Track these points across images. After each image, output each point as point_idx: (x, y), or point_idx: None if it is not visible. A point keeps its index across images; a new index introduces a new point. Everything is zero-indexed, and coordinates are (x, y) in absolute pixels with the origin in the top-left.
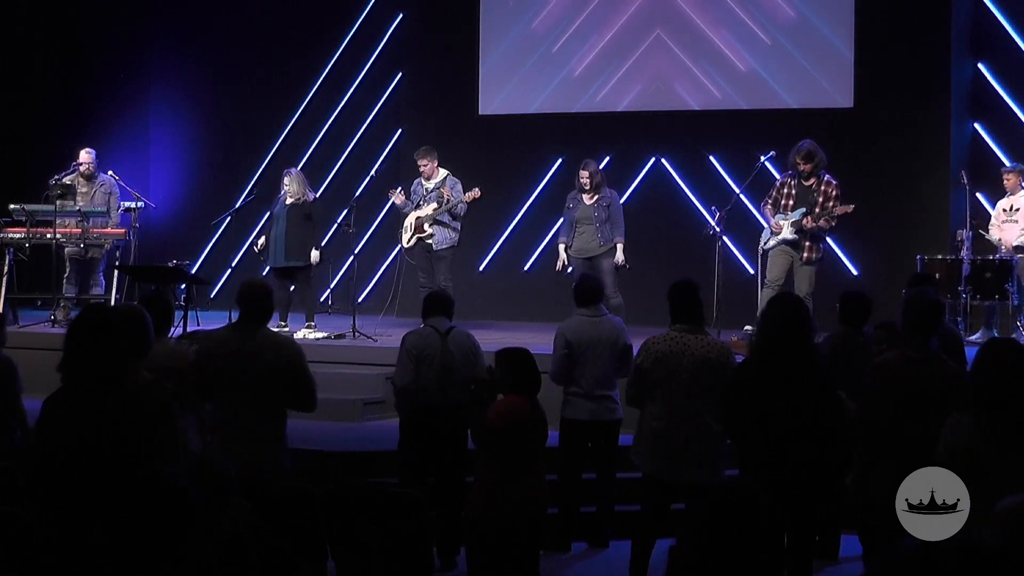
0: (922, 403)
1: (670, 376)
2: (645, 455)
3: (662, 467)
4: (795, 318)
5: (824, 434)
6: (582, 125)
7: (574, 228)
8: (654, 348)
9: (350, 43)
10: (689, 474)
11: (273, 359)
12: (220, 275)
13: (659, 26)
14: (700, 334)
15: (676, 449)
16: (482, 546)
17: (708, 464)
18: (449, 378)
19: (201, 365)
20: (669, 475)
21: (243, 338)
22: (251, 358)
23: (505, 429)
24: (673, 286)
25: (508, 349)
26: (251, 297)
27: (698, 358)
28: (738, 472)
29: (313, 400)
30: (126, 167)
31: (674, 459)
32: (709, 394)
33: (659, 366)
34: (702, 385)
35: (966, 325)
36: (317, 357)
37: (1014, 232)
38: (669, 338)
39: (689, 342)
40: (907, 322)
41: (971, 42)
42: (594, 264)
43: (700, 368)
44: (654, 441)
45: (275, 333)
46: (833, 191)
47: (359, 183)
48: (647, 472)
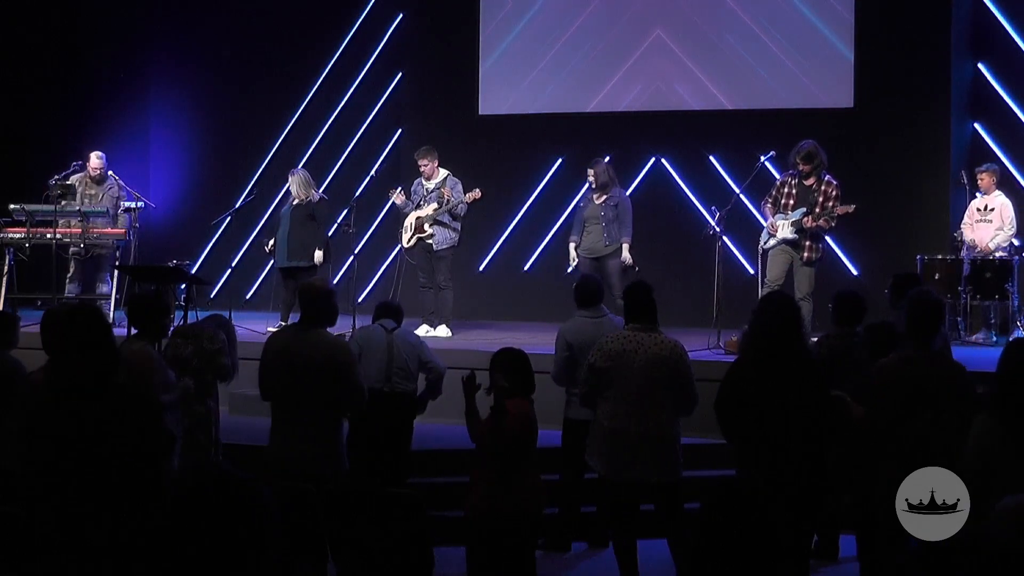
0: (924, 403)
1: (623, 374)
2: (599, 456)
3: (617, 467)
4: (785, 317)
5: (819, 433)
6: (582, 125)
7: (583, 227)
8: (607, 347)
9: (350, 43)
10: (644, 474)
11: (323, 360)
12: (220, 275)
13: (659, 26)
14: (654, 332)
15: (630, 449)
16: (481, 546)
17: (661, 463)
18: (392, 368)
19: (261, 365)
20: (623, 475)
21: (297, 339)
22: (303, 359)
23: (522, 435)
24: (627, 287)
25: (508, 351)
26: (306, 299)
27: (651, 356)
28: (734, 472)
29: (359, 402)
30: (126, 167)
31: (628, 459)
32: (663, 393)
33: (612, 363)
34: (655, 384)
35: (966, 325)
36: None
37: (988, 232)
38: (622, 336)
39: (642, 340)
40: (910, 322)
41: (971, 42)
42: (601, 264)
43: (653, 366)
44: (608, 441)
45: (328, 334)
46: (833, 191)
47: (359, 183)
48: (602, 473)
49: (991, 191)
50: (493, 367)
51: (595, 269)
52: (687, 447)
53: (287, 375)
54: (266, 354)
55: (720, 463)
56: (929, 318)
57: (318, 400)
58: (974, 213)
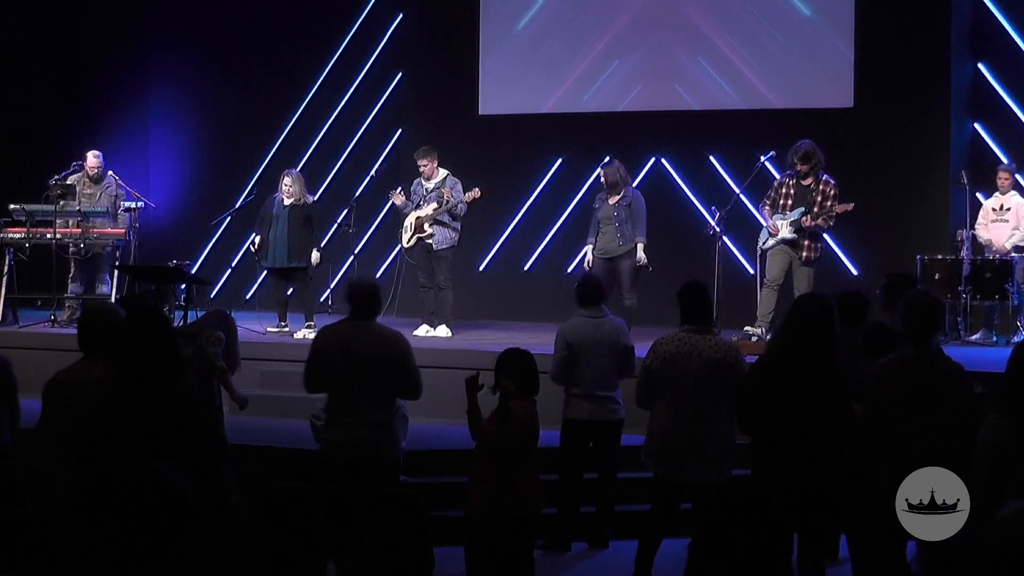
0: (923, 403)
1: (678, 376)
2: (654, 455)
3: (669, 467)
4: (817, 321)
5: (834, 437)
6: (582, 125)
7: (598, 228)
8: (662, 349)
9: (350, 43)
10: (696, 475)
11: (387, 352)
12: (220, 275)
13: (659, 26)
14: (708, 334)
15: (684, 449)
16: (480, 546)
17: (715, 465)
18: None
19: (314, 358)
20: (676, 475)
21: (358, 333)
22: (367, 351)
23: (525, 437)
24: (683, 287)
25: (514, 352)
26: (360, 293)
27: (706, 358)
28: (749, 472)
29: (417, 389)
30: (126, 167)
31: (682, 459)
32: (718, 394)
33: (667, 367)
34: (710, 385)
35: (966, 325)
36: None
37: (1004, 232)
38: (677, 338)
39: (697, 342)
40: (908, 322)
41: (971, 42)
42: (615, 264)
43: (708, 368)
44: (662, 441)
45: (382, 327)
46: (831, 191)
47: (359, 183)
48: (656, 472)
49: (1007, 191)
50: (499, 368)
51: (609, 269)
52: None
53: (350, 368)
54: (324, 349)
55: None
56: (927, 318)
57: (380, 389)
58: (989, 213)
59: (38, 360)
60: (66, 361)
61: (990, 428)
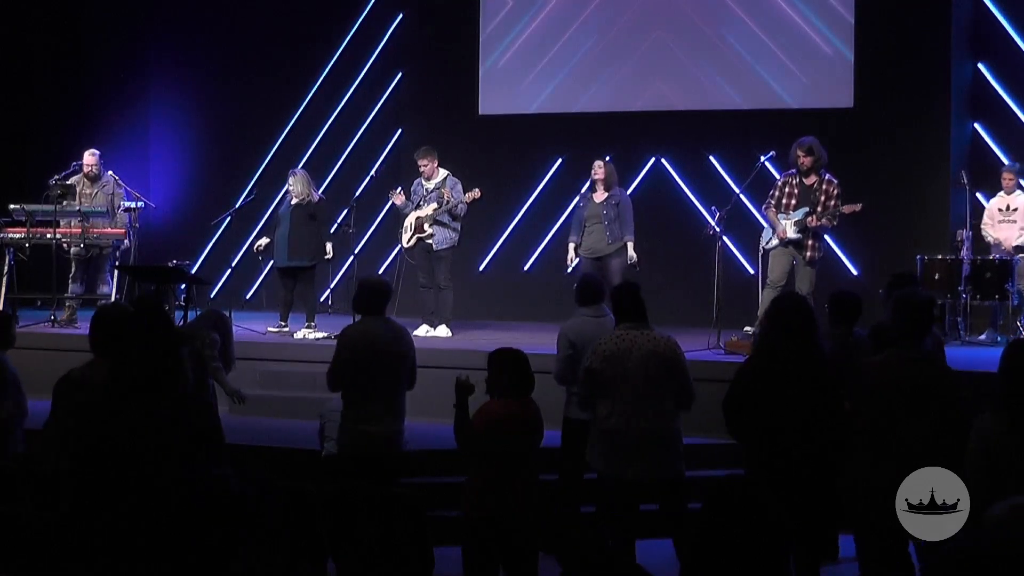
0: (915, 403)
1: (620, 373)
2: (599, 455)
3: (616, 466)
4: (801, 318)
5: (826, 435)
6: (582, 125)
7: (584, 226)
8: (601, 348)
9: (350, 43)
10: (644, 472)
11: (406, 347)
12: (220, 275)
13: (659, 26)
14: (646, 330)
15: (630, 447)
16: (476, 546)
17: (663, 461)
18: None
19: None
20: (624, 474)
21: (385, 330)
22: (393, 347)
23: (486, 435)
24: (615, 288)
25: (501, 350)
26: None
27: (646, 352)
28: (743, 471)
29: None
30: (126, 167)
31: (628, 457)
32: (661, 388)
33: (608, 365)
34: (651, 379)
35: (966, 325)
36: (317, 357)
37: (1013, 232)
38: (616, 337)
39: (636, 338)
40: (899, 322)
41: (971, 42)
42: (604, 263)
43: (649, 361)
44: (607, 440)
45: (392, 322)
46: (834, 190)
47: (359, 183)
48: (602, 472)
49: (1012, 191)
50: (488, 367)
51: (597, 269)
52: (689, 447)
53: (378, 364)
54: (354, 348)
55: (721, 463)
56: (917, 318)
57: (400, 383)
58: (996, 213)
59: (38, 360)
60: (66, 361)
61: (981, 425)
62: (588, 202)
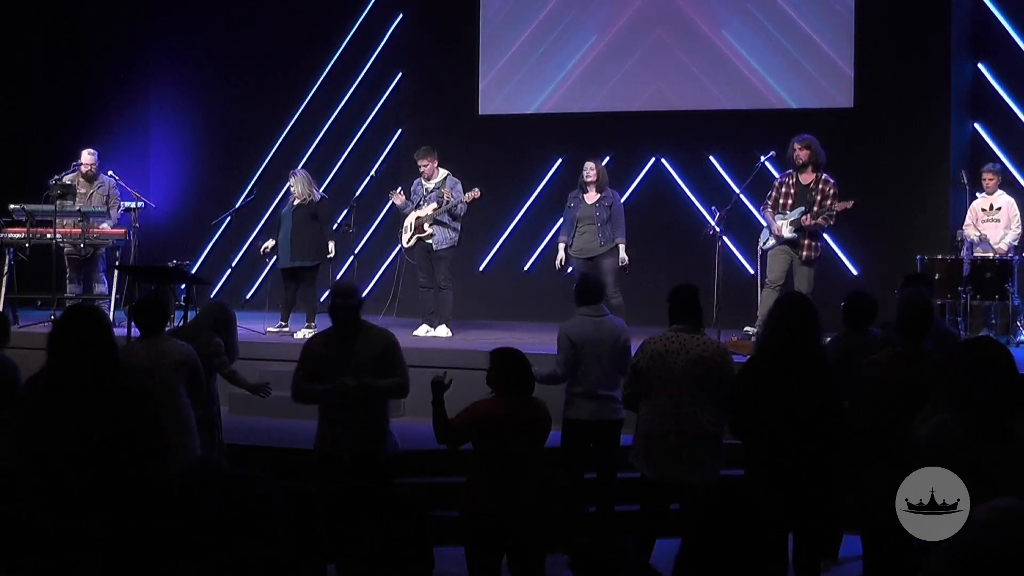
0: (915, 403)
1: (665, 374)
2: (641, 457)
3: (657, 468)
4: (803, 318)
5: (827, 435)
6: (582, 125)
7: (575, 227)
8: (650, 348)
9: (350, 43)
10: (684, 475)
11: (383, 349)
12: (220, 275)
13: (659, 26)
14: (697, 334)
15: (671, 450)
16: (476, 546)
17: (702, 465)
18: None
19: (304, 360)
20: (665, 476)
21: (340, 334)
22: (351, 351)
23: (468, 430)
24: (674, 289)
25: (499, 349)
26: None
27: (693, 356)
28: (742, 472)
29: (404, 387)
30: (126, 167)
31: (669, 460)
32: (705, 392)
33: (654, 364)
34: (697, 384)
35: (966, 325)
36: None
37: (997, 231)
38: (666, 338)
39: (685, 341)
40: (900, 322)
41: (971, 42)
42: (595, 264)
43: (695, 366)
44: (649, 442)
45: (372, 325)
46: (831, 189)
47: (359, 183)
48: (644, 473)
49: (995, 191)
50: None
51: (588, 269)
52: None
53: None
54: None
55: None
56: (918, 318)
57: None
58: (979, 214)
59: (38, 360)
60: None
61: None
62: (580, 203)
